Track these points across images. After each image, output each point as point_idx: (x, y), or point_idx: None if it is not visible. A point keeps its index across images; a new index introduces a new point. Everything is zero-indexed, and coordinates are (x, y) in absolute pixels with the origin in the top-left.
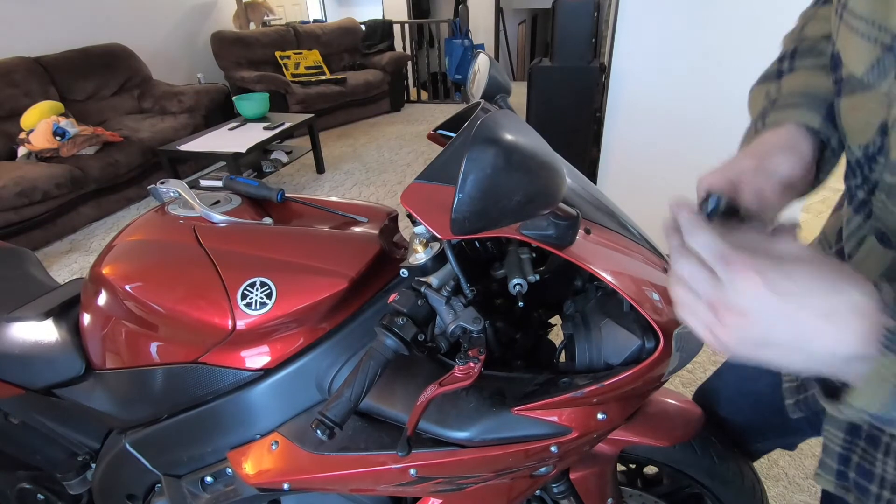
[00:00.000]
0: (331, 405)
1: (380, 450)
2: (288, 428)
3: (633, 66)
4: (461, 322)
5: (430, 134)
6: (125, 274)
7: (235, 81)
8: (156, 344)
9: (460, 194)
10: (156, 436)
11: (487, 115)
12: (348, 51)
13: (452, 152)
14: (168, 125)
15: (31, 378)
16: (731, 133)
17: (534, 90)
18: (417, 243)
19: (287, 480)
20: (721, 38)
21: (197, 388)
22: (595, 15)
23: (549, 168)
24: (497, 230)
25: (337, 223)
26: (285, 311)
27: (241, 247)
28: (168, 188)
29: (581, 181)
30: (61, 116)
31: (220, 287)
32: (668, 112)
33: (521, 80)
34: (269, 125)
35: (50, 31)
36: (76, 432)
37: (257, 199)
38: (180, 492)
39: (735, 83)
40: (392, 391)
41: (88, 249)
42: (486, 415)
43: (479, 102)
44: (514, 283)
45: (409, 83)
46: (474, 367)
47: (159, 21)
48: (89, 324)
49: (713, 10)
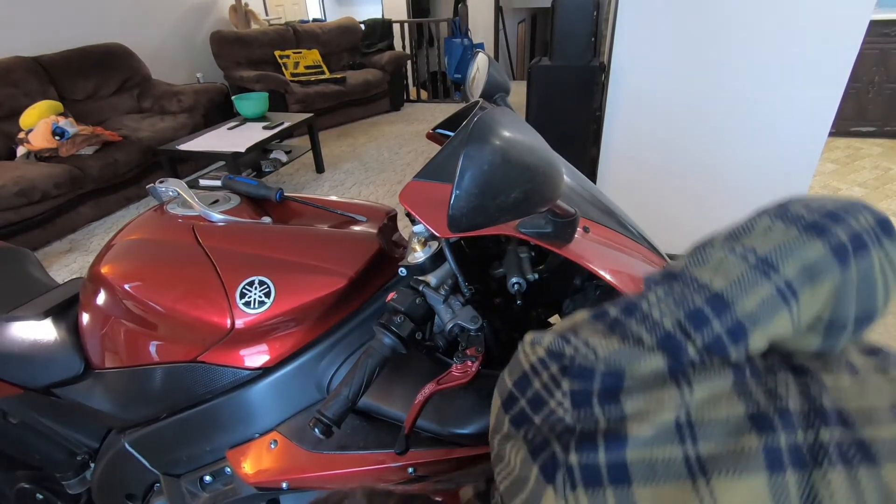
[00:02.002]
0: (329, 404)
1: (378, 448)
2: (287, 427)
3: (632, 65)
4: (459, 321)
5: (430, 133)
6: (124, 273)
7: (235, 81)
8: (155, 343)
9: (457, 191)
10: (155, 435)
11: (484, 113)
12: (348, 50)
13: (450, 150)
14: (167, 125)
15: (30, 377)
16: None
17: (533, 89)
18: (416, 242)
19: (286, 479)
20: (720, 37)
21: (196, 387)
22: (594, 14)
23: (546, 165)
24: (495, 228)
25: (336, 222)
26: (284, 310)
27: (239, 246)
28: (167, 187)
29: (580, 179)
30: (60, 116)
31: (218, 286)
32: (668, 111)
33: (521, 79)
34: (268, 125)
35: (49, 31)
36: (75, 432)
37: (256, 199)
38: (179, 491)
39: (734, 82)
40: (390, 390)
41: (87, 249)
42: (484, 413)
43: (479, 101)
44: (513, 281)
45: (408, 82)
46: (472, 366)
47: (159, 20)
48: (88, 323)
49: (712, 9)
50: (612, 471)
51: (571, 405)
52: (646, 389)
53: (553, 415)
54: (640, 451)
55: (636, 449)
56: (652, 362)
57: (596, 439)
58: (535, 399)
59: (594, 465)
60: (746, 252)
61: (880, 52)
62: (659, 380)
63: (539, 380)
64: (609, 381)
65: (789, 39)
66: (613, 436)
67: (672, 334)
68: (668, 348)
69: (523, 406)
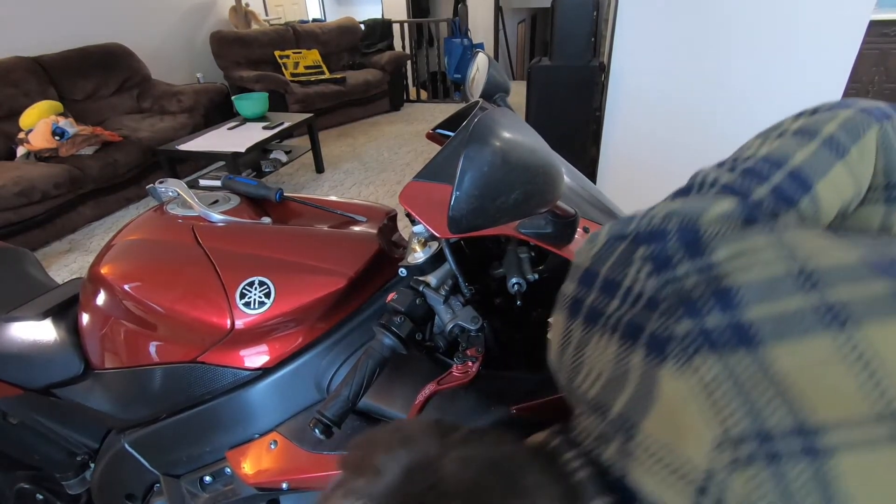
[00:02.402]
0: (329, 404)
1: None
2: (287, 427)
3: (632, 65)
4: (459, 321)
5: (429, 133)
6: (124, 273)
7: (235, 81)
8: (154, 343)
9: (457, 192)
10: (154, 435)
11: (484, 113)
12: (347, 50)
13: (450, 151)
14: (167, 125)
15: (30, 378)
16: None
17: (533, 89)
18: (416, 242)
19: (286, 480)
20: (720, 37)
21: (196, 387)
22: (594, 14)
23: (546, 166)
24: (495, 228)
25: (336, 223)
26: (284, 311)
27: (239, 246)
28: (167, 188)
29: (579, 180)
30: (60, 116)
31: (218, 286)
32: (668, 111)
33: (521, 79)
34: (268, 125)
35: (49, 31)
36: (75, 432)
37: (256, 199)
38: (179, 491)
39: (734, 82)
40: (390, 390)
41: (87, 249)
42: (485, 414)
43: (478, 101)
44: (513, 282)
45: (408, 82)
46: (472, 367)
47: (158, 20)
48: (88, 323)
49: (712, 9)
50: (734, 331)
51: (653, 268)
52: (731, 236)
53: (631, 292)
54: (759, 305)
55: (753, 304)
56: (724, 204)
57: (699, 300)
58: (607, 284)
59: (711, 328)
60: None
61: (880, 53)
62: (738, 223)
63: (606, 264)
64: (686, 234)
65: (789, 39)
66: (719, 292)
67: (735, 183)
68: (736, 191)
69: (594, 299)
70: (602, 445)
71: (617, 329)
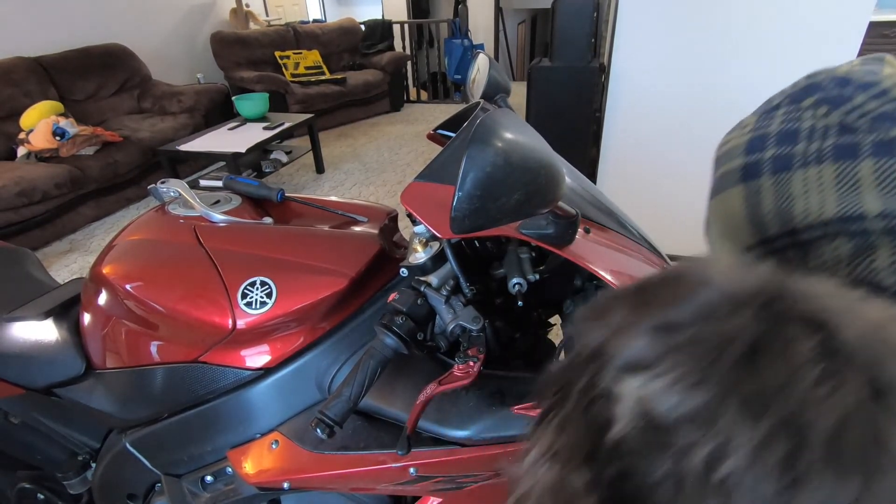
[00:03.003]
0: (330, 404)
1: (380, 449)
2: (288, 427)
3: (632, 66)
4: (460, 321)
5: (430, 134)
6: (125, 273)
7: (235, 81)
8: (156, 343)
9: (460, 193)
10: (156, 435)
11: (486, 115)
12: (348, 51)
13: (452, 152)
14: (168, 125)
15: (31, 378)
16: None
17: (533, 90)
18: (417, 243)
19: (287, 479)
20: (720, 38)
21: (197, 387)
22: (594, 15)
23: (547, 167)
24: (496, 229)
25: (337, 223)
26: (285, 311)
27: (241, 246)
28: (168, 188)
29: (580, 180)
30: (61, 116)
31: (220, 286)
32: (668, 111)
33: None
34: (268, 125)
35: (50, 31)
36: (76, 432)
37: (257, 199)
38: (180, 491)
39: (734, 82)
40: (392, 390)
41: (88, 249)
42: (486, 413)
43: (479, 102)
44: (514, 282)
45: (408, 83)
46: (473, 367)
47: (159, 21)
48: (89, 323)
49: (712, 9)
50: None
51: (829, 109)
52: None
53: (815, 130)
54: None
55: None
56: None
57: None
58: (783, 136)
59: None
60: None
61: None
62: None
63: (773, 125)
64: (834, 80)
65: (789, 40)
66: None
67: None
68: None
69: (774, 153)
70: (867, 257)
71: (823, 158)
